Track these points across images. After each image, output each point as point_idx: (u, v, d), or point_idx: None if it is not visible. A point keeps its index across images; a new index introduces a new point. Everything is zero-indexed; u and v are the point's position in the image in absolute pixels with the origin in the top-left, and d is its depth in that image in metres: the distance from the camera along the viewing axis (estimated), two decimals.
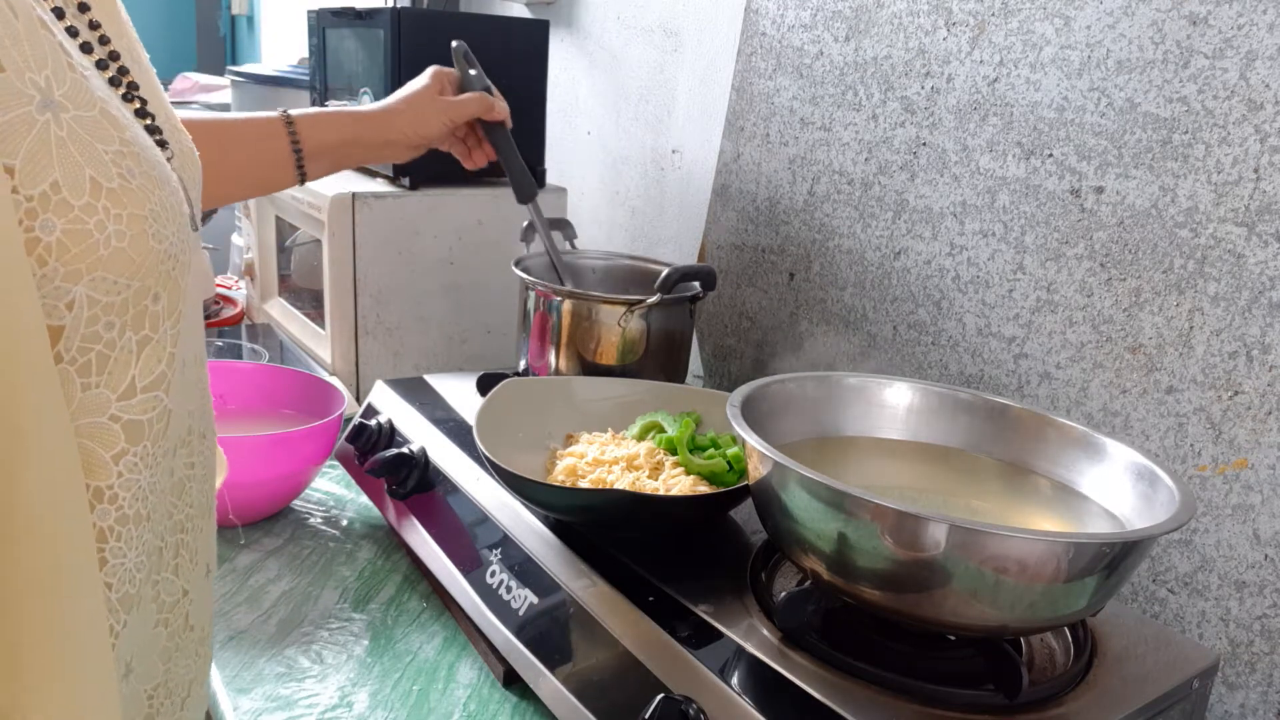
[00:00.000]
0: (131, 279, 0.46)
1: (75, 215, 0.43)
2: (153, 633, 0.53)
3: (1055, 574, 0.57)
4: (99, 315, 0.45)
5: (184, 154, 0.55)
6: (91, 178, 0.44)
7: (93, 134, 0.45)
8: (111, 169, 0.45)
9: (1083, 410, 0.90)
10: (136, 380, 0.48)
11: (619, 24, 1.53)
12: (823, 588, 0.65)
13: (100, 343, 0.46)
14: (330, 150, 0.97)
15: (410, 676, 0.81)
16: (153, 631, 0.53)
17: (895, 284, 1.07)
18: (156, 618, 0.54)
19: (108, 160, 0.45)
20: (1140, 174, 0.84)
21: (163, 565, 0.54)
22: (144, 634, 0.52)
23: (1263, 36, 0.75)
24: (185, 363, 0.51)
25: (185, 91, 3.14)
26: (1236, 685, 0.80)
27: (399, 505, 0.95)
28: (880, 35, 1.06)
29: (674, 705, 0.60)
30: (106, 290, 0.45)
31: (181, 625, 0.56)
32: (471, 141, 1.07)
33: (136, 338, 0.47)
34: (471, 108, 1.02)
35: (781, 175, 1.21)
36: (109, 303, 0.45)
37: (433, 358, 1.35)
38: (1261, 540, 0.78)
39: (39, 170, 0.42)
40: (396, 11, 1.25)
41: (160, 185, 0.48)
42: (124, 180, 0.46)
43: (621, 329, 1.04)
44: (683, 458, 0.85)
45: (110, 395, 0.47)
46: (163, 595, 0.54)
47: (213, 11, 4.21)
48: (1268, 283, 0.76)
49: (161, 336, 0.49)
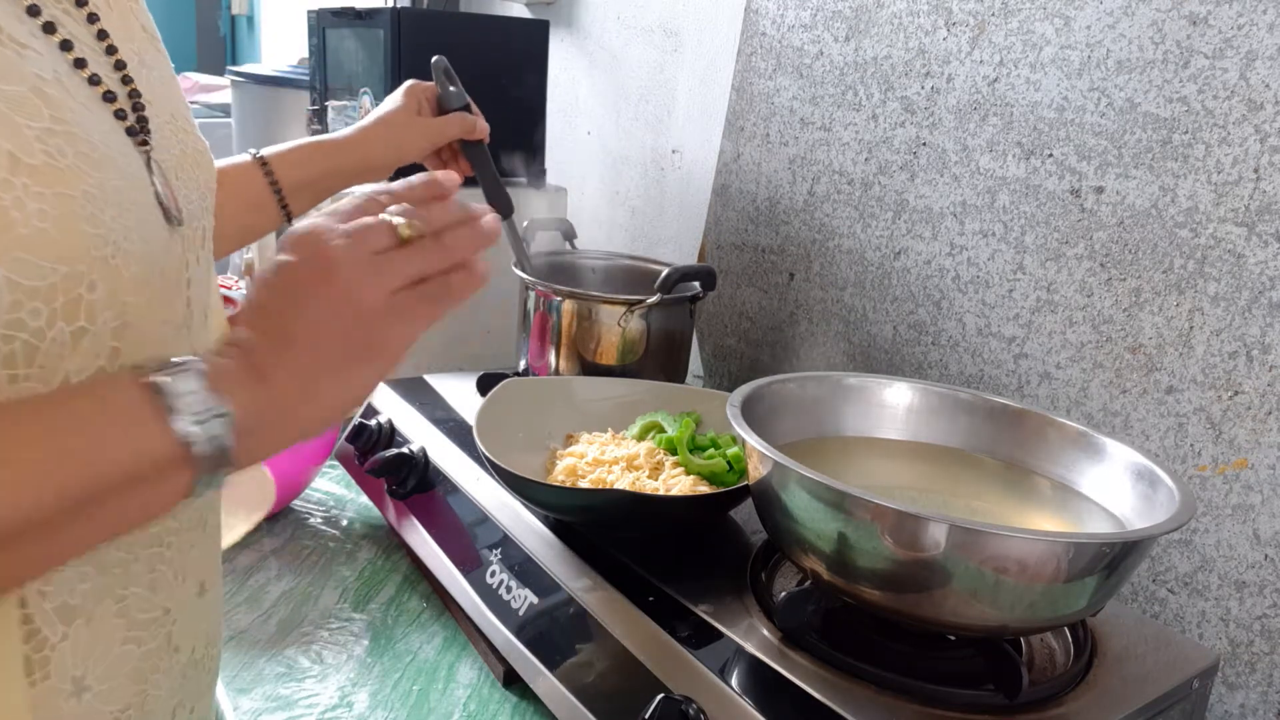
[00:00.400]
0: (57, 263, 0.42)
1: None
2: (120, 650, 0.49)
3: (1055, 574, 0.57)
4: (22, 301, 0.41)
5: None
6: (9, 152, 0.41)
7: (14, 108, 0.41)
8: (35, 145, 0.42)
9: (1083, 410, 0.90)
10: (70, 375, 0.44)
11: (619, 24, 1.53)
12: (823, 588, 0.65)
13: (25, 331, 0.41)
14: (310, 184, 0.92)
15: (410, 676, 0.81)
16: (120, 649, 0.49)
17: (895, 284, 1.07)
18: (125, 635, 0.49)
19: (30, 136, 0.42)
20: (1140, 174, 0.84)
21: (130, 580, 0.49)
22: (103, 650, 0.48)
23: (1263, 36, 0.75)
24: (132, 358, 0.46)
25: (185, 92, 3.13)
26: (1236, 685, 0.80)
27: (399, 505, 0.95)
28: (880, 35, 1.06)
29: (674, 705, 0.60)
30: (28, 273, 0.41)
31: (162, 645, 0.52)
32: (446, 155, 1.03)
33: (70, 329, 0.43)
34: (452, 129, 0.98)
35: (781, 175, 1.21)
36: (33, 287, 0.41)
37: (433, 358, 1.35)
38: (1261, 540, 0.78)
39: None
40: (396, 11, 1.25)
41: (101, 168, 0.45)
42: (49, 158, 0.42)
43: (621, 329, 1.04)
44: (683, 458, 0.85)
45: (41, 389, 0.42)
46: (133, 612, 0.50)
47: (213, 11, 4.21)
48: (1268, 283, 0.76)
49: (99, 329, 0.44)
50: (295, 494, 1.08)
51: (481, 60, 1.32)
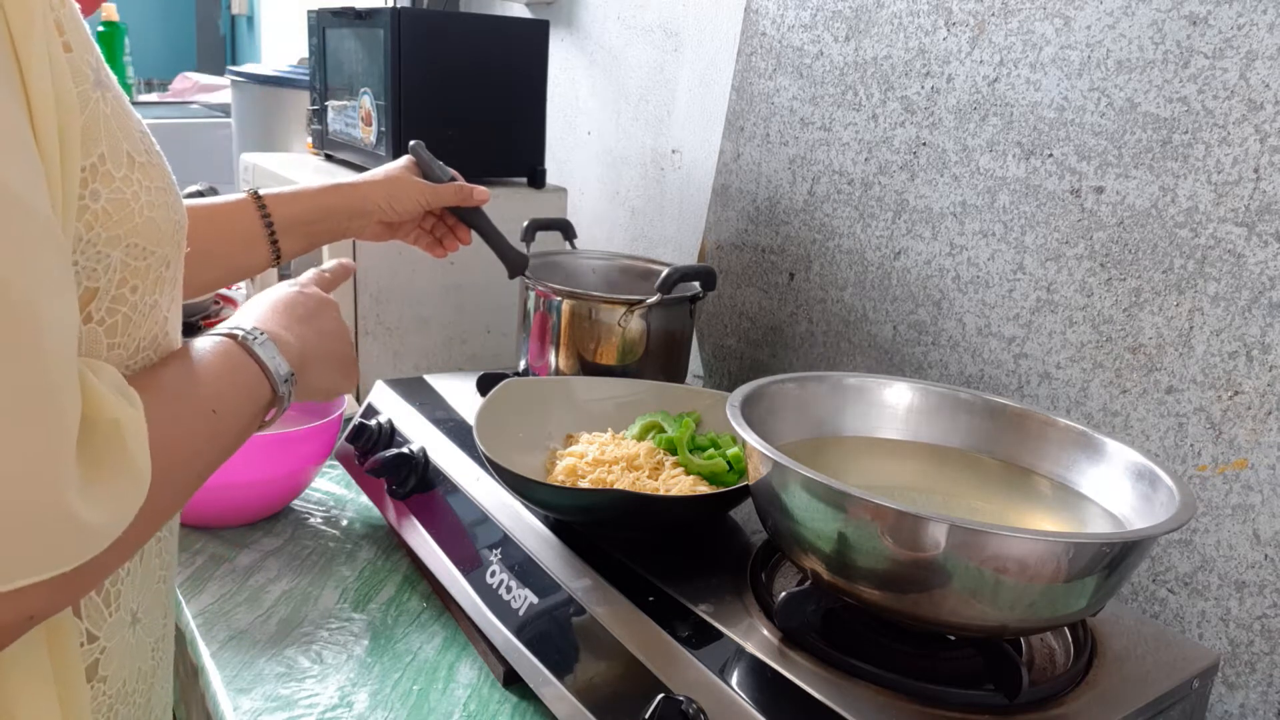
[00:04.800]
0: (157, 246, 0.50)
1: (116, 186, 0.47)
2: (156, 586, 0.58)
3: (1055, 574, 0.57)
4: (127, 279, 0.49)
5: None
6: (128, 152, 0.48)
7: (125, 113, 0.49)
8: (140, 145, 0.50)
9: (1083, 410, 0.90)
10: (141, 342, 0.52)
11: (619, 24, 1.53)
12: (823, 588, 0.65)
13: (125, 305, 0.50)
14: (303, 223, 0.93)
15: (410, 676, 0.81)
16: (156, 586, 0.58)
17: (895, 284, 1.07)
18: (160, 573, 0.58)
19: (136, 137, 0.49)
20: (1140, 174, 0.84)
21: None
22: (148, 586, 0.56)
23: (1263, 36, 0.75)
24: (173, 327, 0.55)
25: (185, 91, 3.14)
26: (1236, 685, 0.80)
27: (399, 505, 0.95)
28: (880, 35, 1.06)
29: (674, 705, 0.60)
30: (137, 255, 0.49)
31: (172, 584, 0.62)
32: (440, 231, 1.05)
33: (148, 301, 0.51)
34: (448, 196, 1.01)
35: (781, 175, 1.21)
36: (137, 267, 0.49)
37: (433, 358, 1.35)
38: (1261, 540, 0.78)
39: (91, 142, 0.45)
40: (396, 11, 1.25)
41: (165, 162, 0.53)
42: (148, 156, 0.50)
43: (621, 329, 1.04)
44: (683, 458, 0.84)
45: (124, 355, 0.51)
46: (165, 552, 0.59)
47: (213, 11, 4.21)
48: (1268, 283, 0.76)
49: (164, 300, 0.53)
50: (295, 494, 1.08)
51: (481, 60, 1.32)
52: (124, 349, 0.51)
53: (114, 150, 0.47)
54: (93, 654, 0.52)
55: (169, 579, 0.60)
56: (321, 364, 0.67)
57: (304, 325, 0.66)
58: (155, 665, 0.59)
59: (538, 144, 1.40)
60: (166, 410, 0.49)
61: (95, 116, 0.45)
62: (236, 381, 0.57)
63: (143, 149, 0.50)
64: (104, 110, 0.46)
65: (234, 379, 0.57)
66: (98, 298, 0.48)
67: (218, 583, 0.93)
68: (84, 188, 0.45)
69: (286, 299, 0.68)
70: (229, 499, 1.01)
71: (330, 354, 0.69)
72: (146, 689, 0.58)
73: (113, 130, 0.47)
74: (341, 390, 0.72)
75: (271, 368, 0.59)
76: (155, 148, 0.52)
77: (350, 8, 1.36)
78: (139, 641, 0.56)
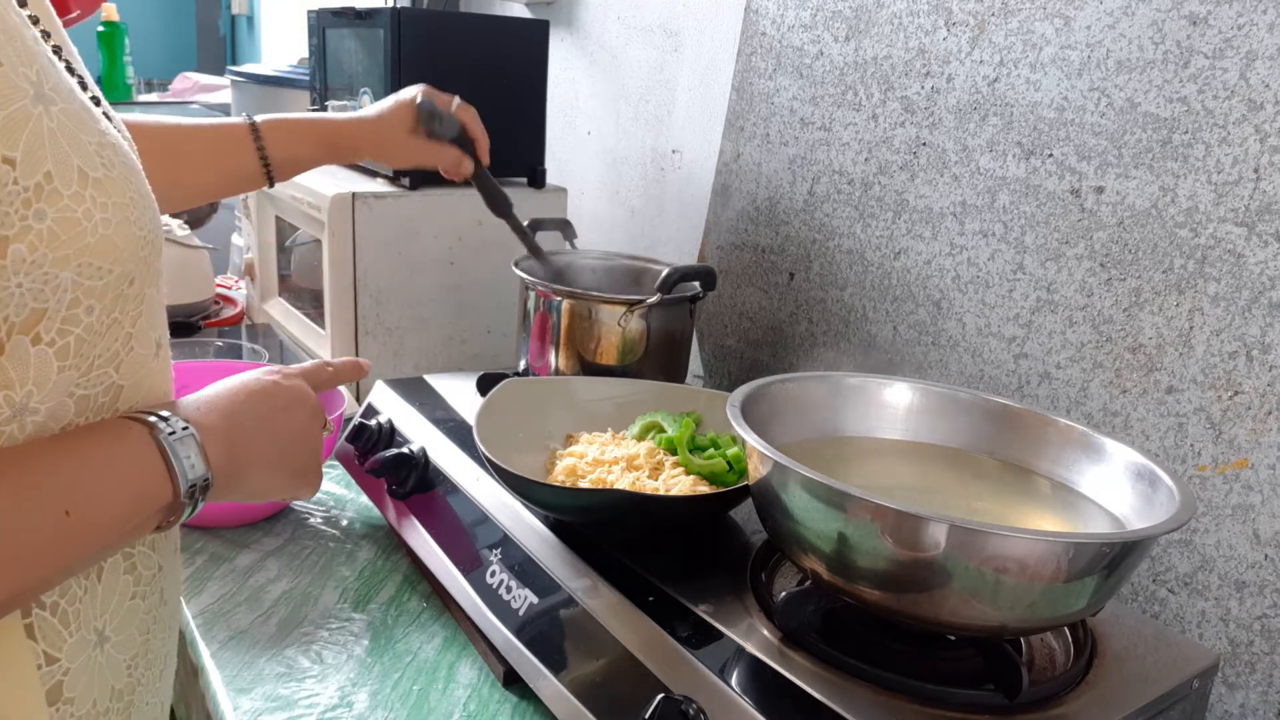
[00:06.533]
0: (114, 264, 0.48)
1: (65, 204, 0.45)
2: (129, 604, 0.55)
3: (1055, 574, 0.57)
4: (80, 299, 0.47)
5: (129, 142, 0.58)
6: (79, 168, 0.46)
7: (77, 126, 0.46)
8: (96, 159, 0.47)
9: (1083, 410, 0.90)
10: (97, 360, 0.49)
11: (619, 24, 1.53)
12: (823, 588, 0.65)
13: (79, 325, 0.47)
14: (295, 162, 0.99)
15: (410, 676, 0.81)
16: (130, 603, 0.55)
17: (895, 284, 1.07)
18: (133, 590, 0.55)
19: (92, 150, 0.47)
20: (1140, 174, 0.84)
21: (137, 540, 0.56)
22: (116, 604, 0.54)
23: (1263, 36, 0.75)
24: (140, 341, 0.53)
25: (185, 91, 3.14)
26: (1236, 685, 0.80)
27: (399, 505, 0.95)
28: (880, 35, 1.06)
29: (674, 705, 0.60)
30: (91, 275, 0.47)
31: (158, 600, 0.58)
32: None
33: (106, 320, 0.49)
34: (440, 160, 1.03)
35: (781, 175, 1.21)
36: (91, 287, 0.47)
37: (433, 358, 1.35)
38: (1261, 540, 0.78)
39: (35, 162, 0.43)
40: (396, 11, 1.25)
41: (134, 173, 0.50)
42: (106, 170, 0.47)
43: (621, 329, 1.04)
44: (683, 458, 0.84)
45: (75, 376, 0.48)
46: (139, 568, 0.56)
47: (213, 11, 4.21)
48: (1268, 283, 0.76)
49: (123, 317, 0.50)
50: None
51: (481, 60, 1.32)
52: (76, 369, 0.48)
53: (62, 167, 0.44)
54: (54, 675, 0.50)
55: (149, 594, 0.57)
56: (269, 468, 0.60)
57: (261, 423, 0.59)
58: (134, 683, 0.56)
59: (538, 144, 1.40)
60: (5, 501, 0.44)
61: (38, 133, 0.43)
62: (116, 480, 0.49)
63: (99, 163, 0.47)
64: (49, 126, 0.44)
65: (113, 476, 0.49)
66: (46, 319, 0.46)
67: (218, 583, 0.93)
68: (27, 208, 0.43)
69: (257, 387, 0.60)
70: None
71: (284, 458, 0.61)
72: (124, 707, 0.56)
73: (60, 146, 0.45)
74: (286, 497, 0.65)
75: (179, 469, 0.51)
76: (121, 159, 0.49)
77: (350, 8, 1.36)
78: (109, 660, 0.54)
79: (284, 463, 0.61)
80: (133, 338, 0.52)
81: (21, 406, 0.46)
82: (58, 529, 0.46)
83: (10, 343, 0.45)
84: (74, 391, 0.49)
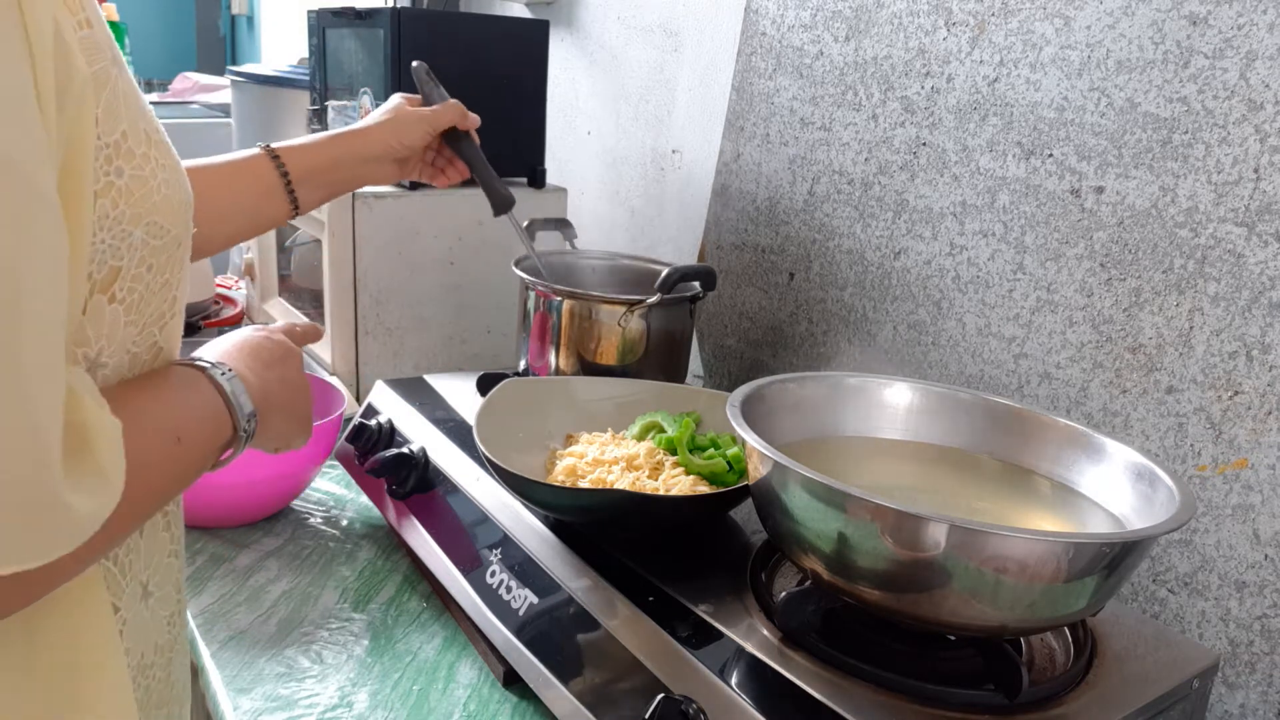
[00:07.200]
0: (172, 224, 0.50)
1: (136, 163, 0.47)
2: (167, 561, 0.58)
3: (1055, 574, 0.57)
4: (145, 258, 0.49)
5: None
6: (144, 130, 0.48)
7: (136, 91, 0.49)
8: (154, 122, 0.50)
9: (1083, 410, 0.90)
10: (149, 319, 0.52)
11: (619, 24, 1.53)
12: (823, 588, 0.65)
13: (142, 284, 0.50)
14: (319, 173, 0.95)
15: (410, 676, 0.81)
16: (167, 560, 0.58)
17: (895, 284, 1.07)
18: (170, 548, 0.59)
19: (150, 115, 0.50)
20: (1140, 174, 0.84)
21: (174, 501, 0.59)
22: (158, 561, 0.57)
23: (1263, 36, 0.75)
24: (179, 305, 0.55)
25: (185, 91, 3.13)
26: (1236, 685, 0.80)
27: (399, 505, 0.95)
28: (880, 35, 1.06)
29: (674, 705, 0.60)
30: (155, 234, 0.49)
31: (183, 561, 0.62)
32: (442, 162, 1.07)
33: (161, 279, 0.51)
34: (449, 115, 1.02)
35: (781, 175, 1.21)
36: (155, 245, 0.49)
37: (433, 358, 1.35)
38: (1261, 540, 0.78)
39: (115, 120, 0.45)
40: (396, 11, 1.25)
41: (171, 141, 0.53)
42: (159, 135, 0.50)
43: (621, 329, 1.04)
44: (683, 458, 0.84)
45: (134, 333, 0.51)
46: (174, 527, 0.59)
47: (213, 11, 4.21)
48: (1268, 283, 0.76)
49: (173, 279, 0.53)
50: (295, 494, 1.08)
51: (481, 60, 1.32)
52: (134, 326, 0.51)
53: (134, 127, 0.47)
54: (117, 625, 0.52)
55: (179, 554, 0.60)
56: (280, 413, 0.65)
57: (268, 370, 0.64)
58: (172, 640, 0.59)
59: (538, 144, 1.40)
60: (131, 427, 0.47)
61: (116, 93, 0.45)
62: (202, 414, 0.55)
63: (155, 127, 0.50)
64: (123, 88, 0.46)
65: (200, 410, 0.55)
66: (120, 277, 0.48)
67: (218, 583, 0.93)
68: (108, 164, 0.45)
69: (252, 342, 0.66)
70: (229, 499, 1.01)
71: (289, 404, 0.66)
72: (165, 663, 0.58)
73: (132, 107, 0.47)
74: (293, 445, 0.69)
75: (236, 405, 0.57)
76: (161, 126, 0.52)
77: (350, 8, 1.35)
78: (153, 615, 0.56)
79: (292, 409, 0.67)
80: (176, 301, 0.54)
81: (95, 362, 0.49)
82: (174, 451, 0.52)
83: (91, 301, 0.47)
84: (130, 349, 0.51)
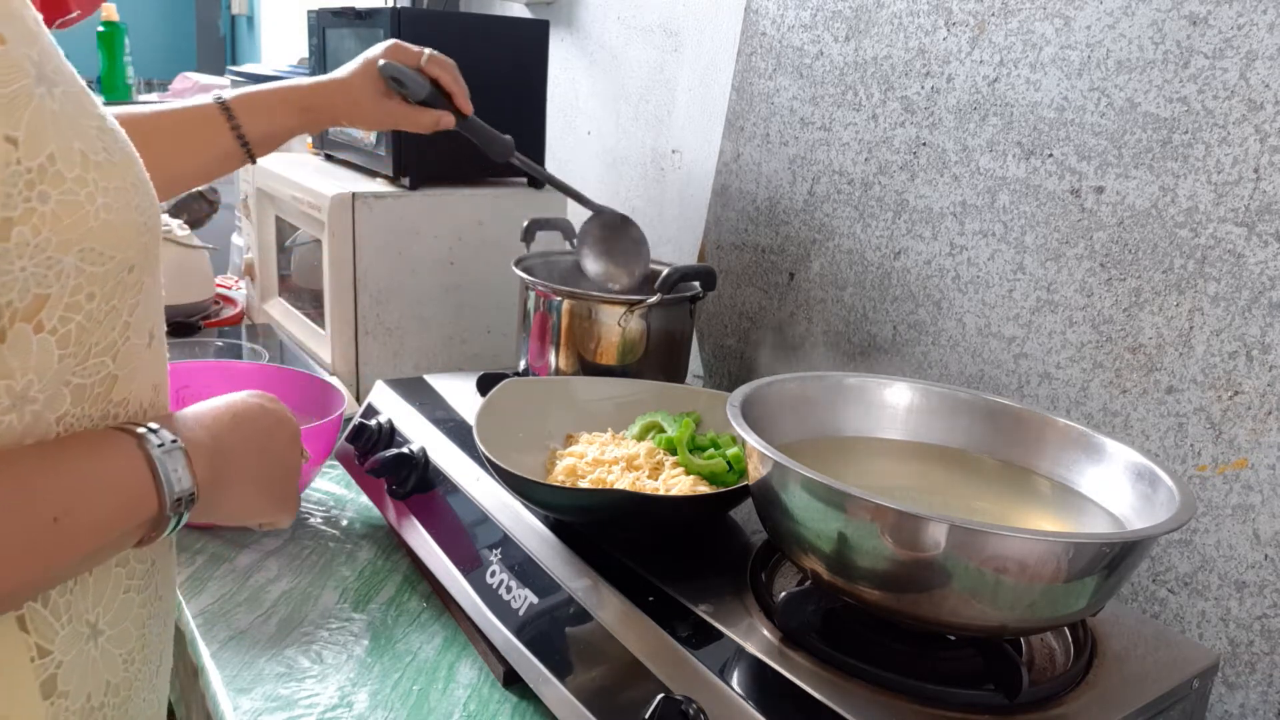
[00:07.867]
0: (115, 250, 0.47)
1: (68, 187, 0.44)
2: (123, 598, 0.55)
3: (1055, 574, 0.57)
4: (82, 285, 0.46)
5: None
6: (81, 151, 0.45)
7: (79, 110, 0.46)
8: (97, 143, 0.47)
9: (1083, 410, 0.90)
10: (94, 349, 0.49)
11: (619, 24, 1.53)
12: (823, 588, 0.65)
13: (80, 313, 0.47)
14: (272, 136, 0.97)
15: (410, 676, 0.81)
16: (123, 597, 0.55)
17: (895, 284, 1.07)
18: (125, 583, 0.56)
19: (93, 134, 0.47)
20: (1140, 174, 0.84)
21: None
22: (109, 598, 0.54)
23: (1263, 36, 0.75)
24: (136, 331, 0.52)
25: (185, 91, 3.13)
26: (1236, 685, 0.80)
27: (399, 505, 0.95)
28: (880, 35, 1.06)
29: (674, 705, 0.60)
30: (93, 261, 0.46)
31: (153, 595, 0.58)
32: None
33: (106, 308, 0.49)
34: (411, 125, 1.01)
35: (781, 175, 1.21)
36: (93, 273, 0.47)
37: (433, 358, 1.35)
38: (1261, 540, 0.78)
39: (39, 142, 0.43)
40: (396, 11, 1.25)
41: (134, 160, 0.50)
42: (108, 155, 0.47)
43: (621, 329, 1.04)
44: (683, 458, 0.84)
45: (73, 364, 0.48)
46: (132, 562, 0.56)
47: (213, 11, 4.21)
48: (1268, 283, 0.76)
49: (121, 305, 0.50)
50: None
51: (481, 60, 1.32)
52: (74, 358, 0.48)
53: (65, 149, 0.44)
54: (48, 669, 0.50)
55: (147, 589, 0.57)
56: (250, 488, 0.60)
57: (246, 443, 0.59)
58: (130, 678, 0.56)
59: (538, 144, 1.40)
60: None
61: (41, 114, 0.43)
62: (105, 488, 0.49)
63: (100, 147, 0.47)
64: (51, 108, 0.44)
65: (103, 483, 0.49)
66: (48, 305, 0.45)
67: (218, 583, 0.93)
68: (30, 189, 0.43)
69: (244, 407, 0.61)
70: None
71: (264, 480, 0.61)
72: (121, 703, 0.55)
73: (63, 128, 0.44)
74: (271, 523, 0.65)
75: (166, 481, 0.51)
76: (120, 145, 0.49)
77: (350, 8, 1.36)
78: (104, 654, 0.54)
79: (264, 484, 0.61)
80: (130, 327, 0.51)
81: (21, 395, 0.46)
82: (46, 534, 0.45)
83: (13, 330, 0.45)
84: (70, 380, 0.48)
